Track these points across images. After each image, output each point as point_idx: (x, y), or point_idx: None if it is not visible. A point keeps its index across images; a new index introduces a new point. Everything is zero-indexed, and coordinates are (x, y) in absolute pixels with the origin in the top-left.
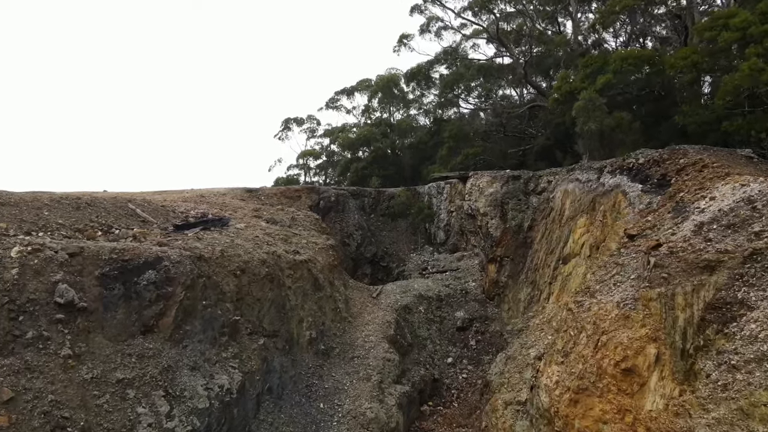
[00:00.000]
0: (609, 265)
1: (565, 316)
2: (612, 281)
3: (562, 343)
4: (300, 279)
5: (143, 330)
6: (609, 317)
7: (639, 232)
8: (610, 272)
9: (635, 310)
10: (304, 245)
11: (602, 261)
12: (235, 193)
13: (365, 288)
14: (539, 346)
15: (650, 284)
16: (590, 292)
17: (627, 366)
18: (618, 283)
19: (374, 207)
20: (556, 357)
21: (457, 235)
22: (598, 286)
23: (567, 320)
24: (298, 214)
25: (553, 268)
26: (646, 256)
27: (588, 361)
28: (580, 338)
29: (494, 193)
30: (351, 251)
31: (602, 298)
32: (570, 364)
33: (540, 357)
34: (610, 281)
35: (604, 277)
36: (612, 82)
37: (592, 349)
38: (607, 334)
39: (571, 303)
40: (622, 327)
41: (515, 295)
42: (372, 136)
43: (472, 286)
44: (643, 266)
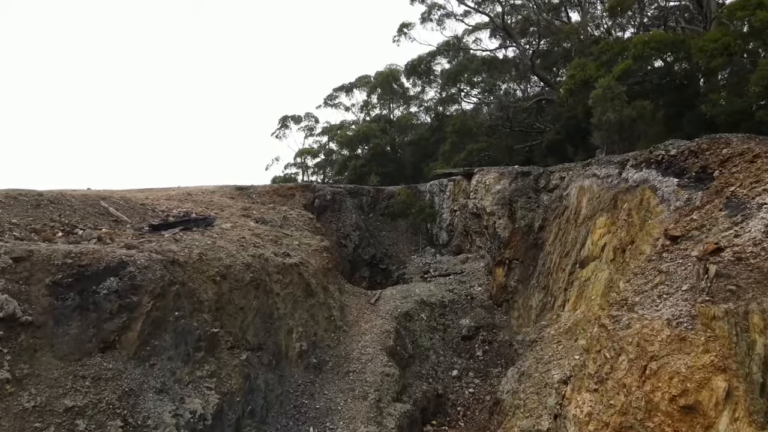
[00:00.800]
0: (648, 272)
1: (597, 333)
2: (656, 292)
3: (594, 366)
4: (290, 284)
5: (102, 347)
6: (658, 338)
7: (683, 233)
8: (651, 281)
9: (693, 331)
10: (295, 247)
11: (636, 267)
12: (225, 191)
13: (362, 293)
14: (564, 367)
15: (712, 298)
16: (628, 305)
17: (687, 402)
18: (665, 296)
19: (373, 206)
20: (587, 382)
21: (461, 236)
22: (638, 298)
23: (600, 338)
24: (290, 213)
25: (568, 273)
26: (702, 263)
27: (633, 392)
28: (620, 362)
29: (502, 191)
30: (348, 253)
31: (646, 313)
32: (607, 393)
33: (566, 380)
34: (653, 292)
35: (644, 287)
36: (632, 69)
37: (637, 377)
38: (657, 359)
39: (605, 317)
40: (677, 352)
41: (526, 302)
42: (371, 132)
43: (478, 291)
44: (698, 275)
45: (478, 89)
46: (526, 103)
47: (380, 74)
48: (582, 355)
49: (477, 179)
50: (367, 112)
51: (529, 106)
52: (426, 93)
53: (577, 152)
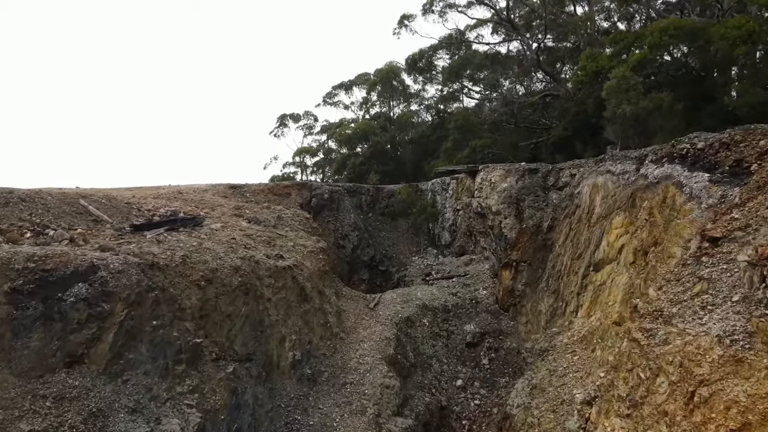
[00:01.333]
0: (685, 279)
1: (628, 349)
2: (697, 303)
3: (626, 388)
4: (282, 289)
5: (68, 362)
6: (707, 359)
7: (724, 234)
8: (689, 289)
9: (753, 351)
10: (290, 248)
11: (668, 271)
12: (218, 189)
13: (361, 297)
14: (587, 385)
15: None
16: (664, 316)
17: None
18: (709, 307)
19: (372, 205)
20: (616, 405)
21: (465, 237)
22: (675, 309)
23: (631, 355)
24: (285, 212)
25: (581, 276)
26: (757, 269)
27: (678, 422)
28: (658, 385)
29: (508, 189)
30: (346, 254)
31: (687, 327)
32: (643, 420)
33: (589, 401)
34: (694, 303)
35: (682, 296)
36: (648, 59)
37: (682, 404)
38: (708, 385)
39: (636, 330)
40: (733, 376)
41: (534, 307)
42: (370, 129)
43: (483, 295)
44: (751, 283)
45: (480, 86)
46: (533, 98)
47: (380, 71)
48: (609, 372)
49: (482, 177)
50: (366, 109)
51: (534, 102)
52: (426, 91)
53: (586, 149)
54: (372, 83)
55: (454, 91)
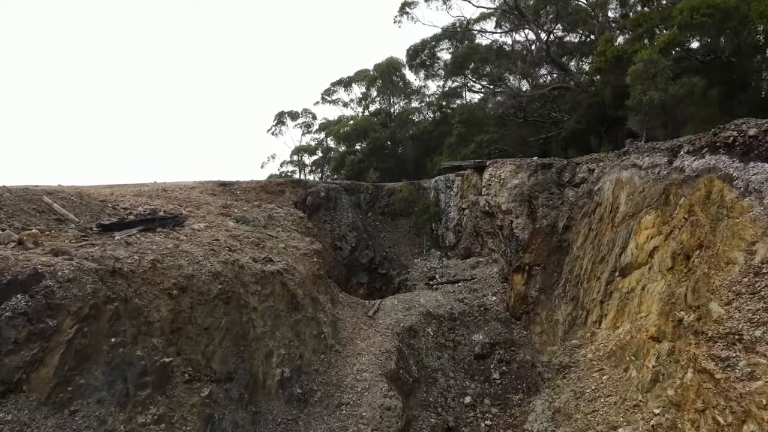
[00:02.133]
0: (765, 293)
1: (696, 382)
2: None
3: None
4: (270, 296)
5: (2, 390)
6: None
7: None
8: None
9: None
10: (281, 251)
11: (734, 282)
12: (206, 186)
13: (359, 304)
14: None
15: None
16: (744, 341)
17: None
18: None
19: (372, 204)
20: None
21: (471, 237)
22: (760, 332)
23: (702, 391)
24: (277, 211)
25: (605, 282)
26: None
27: None
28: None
29: (520, 186)
30: (343, 256)
31: None
32: None
33: None
34: None
35: (765, 316)
36: (678, 40)
37: None
38: None
39: (706, 359)
40: None
41: (550, 315)
42: (370, 126)
43: (492, 302)
44: None
45: (485, 80)
46: (542, 90)
47: (380, 66)
48: (668, 410)
49: (490, 173)
50: (366, 105)
51: (544, 94)
52: (428, 87)
53: (602, 143)
54: (371, 79)
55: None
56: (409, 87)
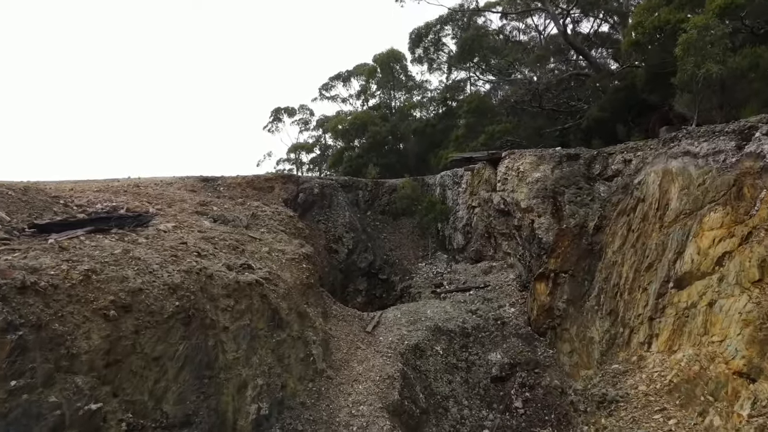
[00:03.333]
0: None
1: None
2: None
3: None
4: (246, 313)
5: None
6: None
7: None
8: None
9: None
10: (264, 256)
11: None
12: (186, 182)
13: (356, 317)
14: None
15: None
16: None
17: None
18: None
19: (371, 202)
20: None
21: (482, 239)
22: None
23: None
24: (263, 209)
25: (654, 295)
26: None
27: None
28: None
29: (542, 180)
30: (339, 260)
31: None
32: None
33: None
34: None
35: None
36: (737, 3)
37: None
38: None
39: None
40: None
41: (582, 332)
42: (369, 119)
43: (511, 314)
44: None
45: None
46: (562, 75)
47: (380, 56)
48: None
49: (507, 165)
50: (365, 98)
51: (564, 78)
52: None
53: (631, 132)
54: (370, 70)
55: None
56: (412, 80)
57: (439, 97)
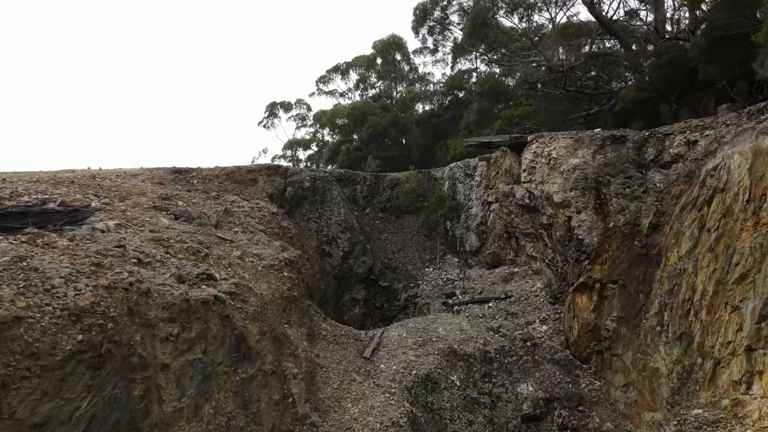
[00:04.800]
0: None
1: None
2: None
3: None
4: (198, 342)
5: None
6: None
7: None
8: None
9: None
10: (234, 262)
11: None
12: (154, 174)
13: (350, 337)
14: None
15: None
16: None
17: None
18: None
19: (370, 198)
20: None
21: (500, 240)
22: None
23: None
24: (240, 205)
25: (755, 317)
26: None
27: None
28: None
29: (581, 167)
30: (333, 264)
31: None
32: None
33: None
34: None
35: None
36: None
37: None
38: None
39: None
40: None
41: (641, 360)
42: (369, 109)
43: (543, 333)
44: None
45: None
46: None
47: (380, 42)
48: None
49: (534, 151)
50: (364, 88)
51: (593, 54)
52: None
53: (679, 113)
54: (369, 59)
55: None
56: (414, 72)
57: (445, 85)
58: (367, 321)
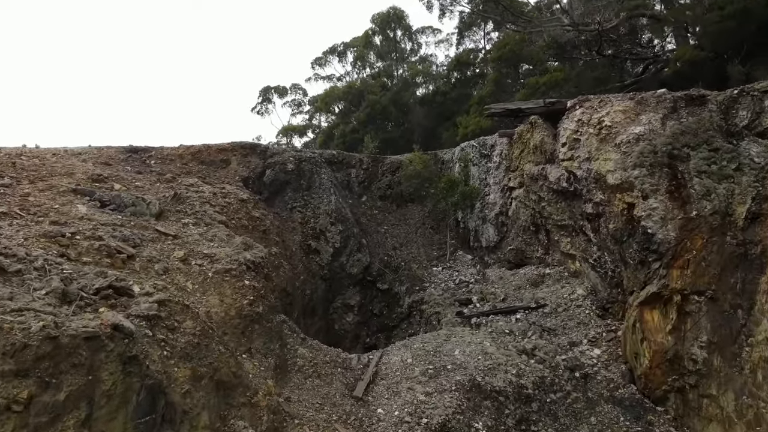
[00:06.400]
0: None
1: None
2: None
3: None
4: (72, 408)
5: None
6: None
7: None
8: None
9: None
10: (172, 267)
11: None
12: (104, 153)
13: (336, 364)
14: None
15: None
16: None
17: None
18: None
19: (367, 184)
20: None
21: (526, 234)
22: None
23: None
24: (200, 189)
25: None
26: None
27: None
28: None
29: (647, 137)
30: (322, 263)
31: None
32: None
33: None
34: None
35: None
36: None
37: None
38: None
39: None
40: None
41: (753, 409)
42: (367, 88)
43: (595, 360)
44: None
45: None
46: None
47: (380, 15)
48: None
49: (579, 119)
50: (361, 66)
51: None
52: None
53: (752, 73)
54: (367, 35)
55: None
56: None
57: (453, 60)
58: (362, 331)
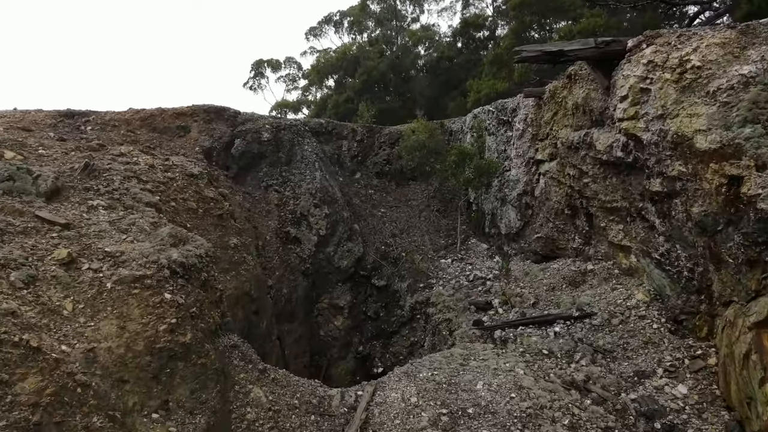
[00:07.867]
0: None
1: None
2: None
3: None
4: None
5: None
6: None
7: None
8: None
9: None
10: (45, 276)
11: None
12: (26, 117)
13: (307, 410)
14: None
15: None
16: None
17: None
18: None
19: (361, 159)
20: None
21: (559, 218)
22: None
23: None
24: (132, 160)
25: None
26: None
27: None
28: None
29: (760, 80)
30: (303, 255)
31: None
32: None
33: None
34: None
35: None
36: None
37: None
38: None
39: None
40: None
41: None
42: (363, 54)
43: (681, 402)
44: None
45: None
46: None
47: None
48: None
49: (650, 59)
50: (358, 31)
51: None
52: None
53: None
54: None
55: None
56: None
57: (460, 23)
58: (354, 338)
